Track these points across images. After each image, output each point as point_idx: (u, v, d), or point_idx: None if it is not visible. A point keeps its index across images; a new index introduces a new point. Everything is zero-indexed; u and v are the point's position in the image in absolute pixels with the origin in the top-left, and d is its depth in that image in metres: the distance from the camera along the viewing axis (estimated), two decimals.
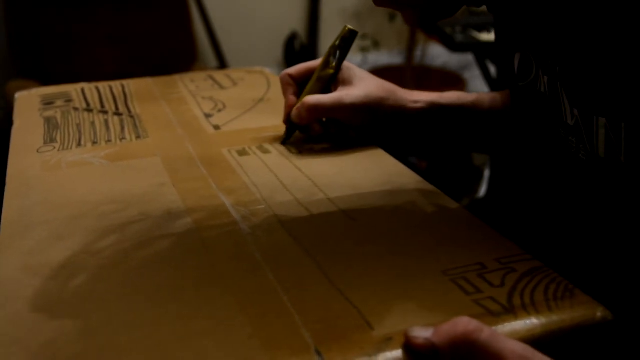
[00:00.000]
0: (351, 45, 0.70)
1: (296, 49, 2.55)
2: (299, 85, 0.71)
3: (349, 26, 0.70)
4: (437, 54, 2.75)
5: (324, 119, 0.70)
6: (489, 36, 1.60)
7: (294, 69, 0.71)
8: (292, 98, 0.70)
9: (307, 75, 0.71)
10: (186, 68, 2.06)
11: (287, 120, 0.70)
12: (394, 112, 0.68)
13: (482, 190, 1.85)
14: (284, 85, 0.71)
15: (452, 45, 1.61)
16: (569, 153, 0.51)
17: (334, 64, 0.69)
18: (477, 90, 2.63)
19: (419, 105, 0.69)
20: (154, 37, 2.10)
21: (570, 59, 0.48)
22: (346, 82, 0.69)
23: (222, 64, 2.28)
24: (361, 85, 0.68)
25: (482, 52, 1.72)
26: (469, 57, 2.46)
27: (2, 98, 1.90)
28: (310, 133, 0.70)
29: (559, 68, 0.49)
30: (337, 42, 0.70)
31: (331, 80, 0.70)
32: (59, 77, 1.83)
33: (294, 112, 0.68)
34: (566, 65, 0.48)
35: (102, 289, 0.44)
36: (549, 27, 0.50)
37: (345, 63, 0.70)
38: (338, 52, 0.69)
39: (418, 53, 2.71)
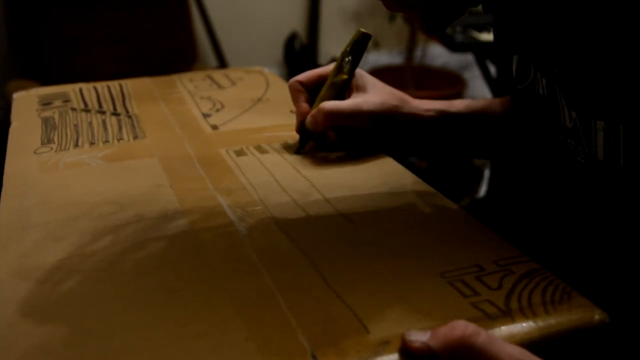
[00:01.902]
0: (364, 50, 0.68)
1: (296, 49, 2.55)
2: (309, 92, 0.69)
3: (362, 29, 0.68)
4: (437, 54, 2.75)
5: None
6: (489, 36, 1.60)
7: (304, 76, 0.69)
8: (305, 105, 0.68)
9: (317, 82, 0.69)
10: (186, 68, 2.06)
11: (301, 128, 0.68)
12: (407, 120, 0.67)
13: (482, 191, 1.85)
14: (294, 92, 0.69)
15: (452, 45, 1.61)
16: (568, 156, 0.51)
17: (347, 69, 0.67)
18: (477, 90, 2.63)
19: (430, 113, 0.68)
20: (154, 37, 2.10)
21: (568, 62, 0.47)
22: (360, 89, 0.67)
23: (222, 64, 2.28)
24: (376, 92, 0.67)
25: (482, 52, 1.71)
26: (469, 57, 2.46)
27: (2, 98, 1.90)
28: (327, 140, 0.68)
29: (557, 71, 0.49)
30: (349, 47, 0.67)
31: (345, 86, 0.68)
32: (59, 77, 1.83)
33: (309, 119, 0.66)
34: (564, 68, 0.48)
35: (97, 291, 0.44)
36: (546, 29, 0.49)
37: (357, 70, 0.68)
38: (351, 57, 0.67)
39: (418, 53, 2.71)
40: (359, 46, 0.68)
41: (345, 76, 0.67)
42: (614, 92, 0.43)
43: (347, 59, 0.67)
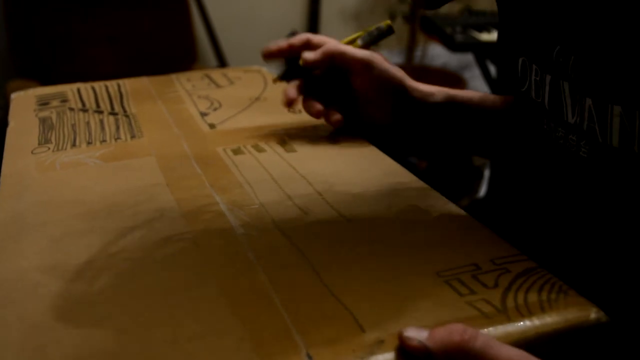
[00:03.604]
0: (381, 39, 0.71)
1: None
2: (287, 62, 0.72)
3: (389, 22, 0.71)
4: (437, 54, 2.75)
5: (327, 109, 0.70)
6: (489, 36, 1.60)
7: (297, 39, 0.72)
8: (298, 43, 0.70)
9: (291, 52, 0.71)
10: (186, 68, 2.06)
11: (290, 60, 0.71)
12: (410, 99, 0.70)
13: (482, 191, 1.85)
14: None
15: (452, 45, 1.61)
16: (569, 152, 0.51)
17: (359, 44, 0.70)
18: (477, 90, 2.62)
19: (436, 98, 0.71)
20: (154, 37, 2.10)
21: (587, 46, 0.47)
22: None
23: (222, 64, 2.28)
24: (381, 64, 0.69)
25: (482, 52, 1.72)
26: (469, 57, 2.46)
27: (2, 98, 1.90)
28: (311, 110, 0.69)
29: (574, 57, 0.48)
30: (371, 29, 0.71)
31: (376, 40, 0.71)
32: (59, 77, 1.83)
33: (306, 53, 0.68)
34: (581, 54, 0.48)
35: (92, 291, 0.44)
36: (565, 14, 0.49)
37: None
38: (367, 37, 0.71)
39: (418, 53, 2.71)
40: (379, 33, 0.71)
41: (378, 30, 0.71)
42: (633, 75, 0.43)
43: (363, 38, 0.71)
